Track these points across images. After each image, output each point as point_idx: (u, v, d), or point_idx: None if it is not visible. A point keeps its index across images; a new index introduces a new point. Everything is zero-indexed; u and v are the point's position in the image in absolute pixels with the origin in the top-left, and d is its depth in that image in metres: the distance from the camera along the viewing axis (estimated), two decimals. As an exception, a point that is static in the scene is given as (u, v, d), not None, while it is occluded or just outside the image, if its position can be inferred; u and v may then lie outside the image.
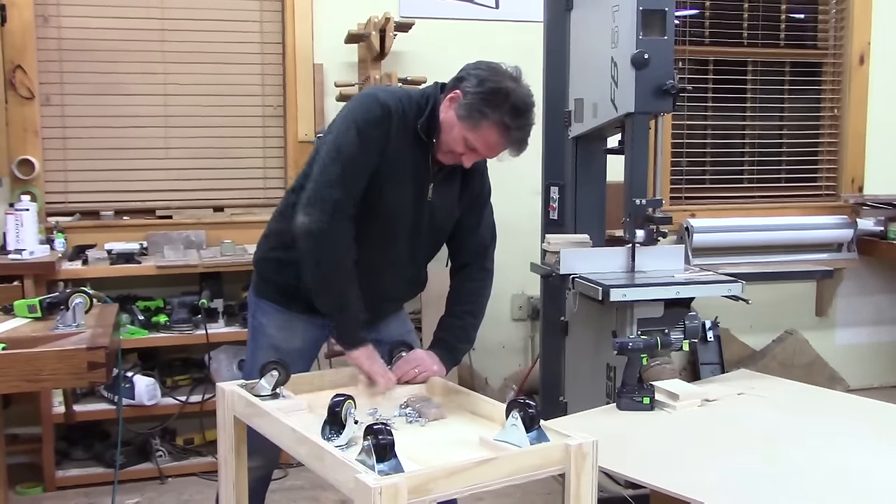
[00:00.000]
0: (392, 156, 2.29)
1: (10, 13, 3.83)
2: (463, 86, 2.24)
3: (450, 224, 2.49)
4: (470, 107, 2.21)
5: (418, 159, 2.33)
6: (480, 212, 2.53)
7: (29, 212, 3.67)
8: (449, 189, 2.42)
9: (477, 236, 2.54)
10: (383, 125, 2.26)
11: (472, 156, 2.29)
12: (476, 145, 2.25)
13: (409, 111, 2.31)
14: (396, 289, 2.54)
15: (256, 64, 4.32)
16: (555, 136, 3.71)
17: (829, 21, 5.19)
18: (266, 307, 2.53)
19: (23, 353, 2.19)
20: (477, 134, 2.23)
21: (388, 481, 1.55)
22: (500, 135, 2.22)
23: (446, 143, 2.28)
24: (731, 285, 3.06)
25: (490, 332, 4.54)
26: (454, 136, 2.25)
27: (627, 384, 2.62)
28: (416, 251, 2.47)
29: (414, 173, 2.34)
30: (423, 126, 2.30)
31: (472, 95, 2.21)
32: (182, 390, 3.91)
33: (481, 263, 2.54)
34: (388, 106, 2.27)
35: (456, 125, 2.24)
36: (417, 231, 2.41)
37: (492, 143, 2.24)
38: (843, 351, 5.23)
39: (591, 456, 1.77)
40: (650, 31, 3.07)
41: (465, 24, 4.48)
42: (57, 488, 3.71)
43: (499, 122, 2.20)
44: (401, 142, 2.29)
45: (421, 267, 2.57)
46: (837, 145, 5.20)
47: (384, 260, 2.40)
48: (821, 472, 2.15)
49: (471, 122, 2.21)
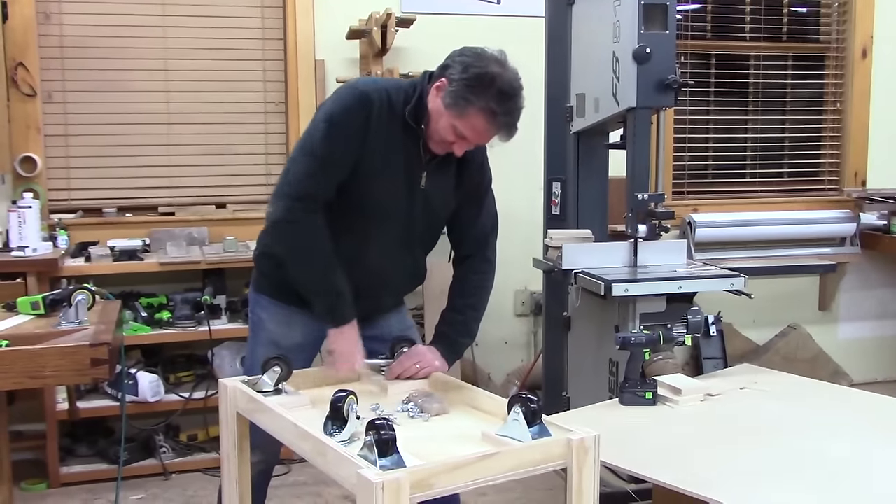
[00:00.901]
0: (378, 144, 2.28)
1: (12, 10, 3.84)
2: (448, 73, 2.23)
3: (446, 212, 2.48)
4: (455, 94, 2.20)
5: (408, 147, 2.33)
6: (481, 201, 2.53)
7: (32, 209, 3.68)
8: (443, 177, 2.41)
9: (477, 226, 2.53)
10: (361, 114, 2.26)
11: (462, 144, 2.28)
12: (465, 132, 2.24)
13: (395, 99, 2.31)
14: (395, 280, 2.53)
15: (258, 60, 4.33)
16: (556, 132, 3.71)
17: (832, 15, 5.18)
18: (265, 302, 2.54)
19: (26, 349, 2.19)
20: (464, 121, 2.22)
21: (391, 476, 1.55)
22: (488, 121, 2.21)
23: (436, 132, 2.28)
24: (734, 280, 3.06)
25: (493, 327, 4.54)
26: (442, 124, 2.25)
27: (630, 379, 2.62)
28: (411, 241, 2.46)
29: (404, 161, 2.33)
30: (410, 113, 2.29)
31: (458, 83, 2.20)
32: (185, 387, 3.92)
33: (483, 254, 2.54)
34: (366, 95, 2.27)
35: (443, 114, 2.23)
36: (411, 220, 2.40)
37: (480, 129, 2.23)
38: (846, 345, 5.23)
39: (592, 450, 1.77)
40: (652, 26, 3.06)
41: (466, 19, 4.47)
42: (61, 484, 3.72)
43: (485, 108, 2.18)
44: (387, 130, 2.29)
45: (418, 258, 2.56)
46: (840, 139, 5.19)
47: (380, 250, 2.40)
48: (824, 466, 2.14)
49: (457, 110, 2.20)
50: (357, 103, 2.27)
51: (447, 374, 2.35)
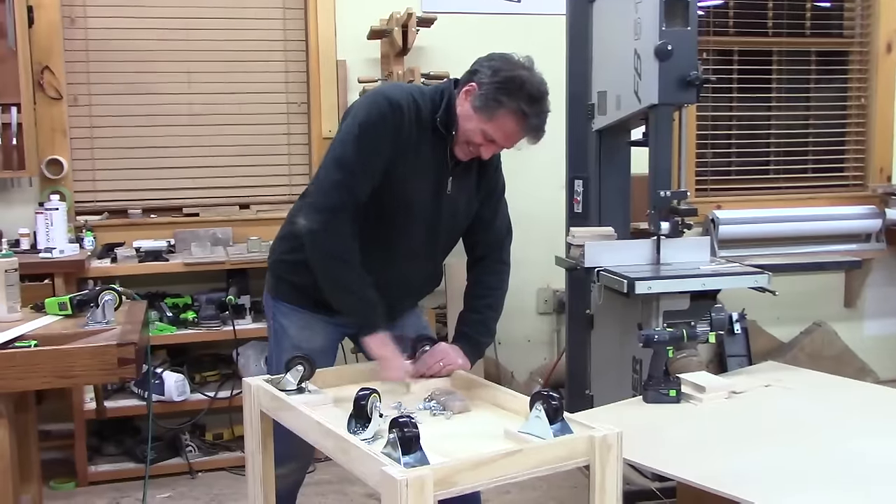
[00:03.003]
0: (408, 150, 2.30)
1: (38, 15, 3.88)
2: (477, 78, 2.26)
3: (467, 218, 2.50)
4: (486, 97, 2.22)
5: (437, 154, 2.34)
6: (496, 206, 2.55)
7: (58, 211, 3.72)
8: (467, 183, 2.43)
9: (493, 230, 2.55)
10: (391, 121, 2.27)
11: (490, 147, 2.30)
12: (494, 135, 2.26)
13: (423, 106, 2.32)
14: (415, 283, 2.55)
15: (280, 61, 4.35)
16: (578, 129, 3.71)
17: (856, 9, 5.13)
18: (284, 308, 2.54)
19: (54, 349, 2.22)
20: (494, 124, 2.24)
21: (414, 473, 1.56)
22: (518, 123, 2.23)
23: (464, 135, 2.29)
24: (758, 277, 3.04)
25: (516, 325, 4.55)
26: (471, 127, 2.27)
27: (654, 377, 2.61)
28: (434, 246, 2.48)
29: (433, 168, 2.35)
30: (441, 120, 2.31)
31: (487, 86, 2.22)
32: (211, 386, 3.95)
33: (498, 256, 2.56)
34: (396, 101, 2.29)
35: (473, 117, 2.26)
36: (436, 225, 2.42)
37: (509, 131, 2.25)
38: (872, 342, 5.18)
39: (615, 447, 1.77)
40: (673, 22, 3.05)
41: (487, 18, 4.47)
42: (89, 483, 3.76)
43: (516, 111, 2.21)
44: (416, 136, 2.30)
45: (438, 262, 2.58)
46: (865, 134, 5.14)
47: (404, 256, 2.42)
48: (852, 465, 2.13)
49: (487, 113, 2.23)
50: (388, 109, 2.28)
51: (470, 372, 2.35)
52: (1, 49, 3.75)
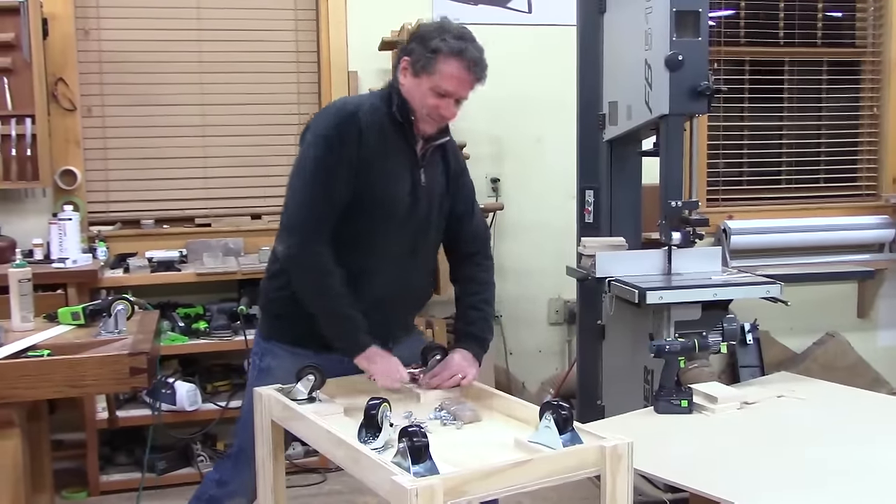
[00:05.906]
0: (375, 151, 2.30)
1: (52, 27, 3.91)
2: (406, 52, 2.33)
3: (444, 211, 2.48)
4: (419, 57, 2.28)
5: (403, 148, 2.36)
6: (469, 198, 2.55)
7: (72, 221, 3.74)
8: (437, 171, 2.45)
9: (473, 224, 2.56)
10: (348, 126, 2.28)
11: (447, 103, 2.31)
12: (445, 86, 2.27)
13: (378, 104, 2.35)
14: (410, 288, 2.48)
15: (292, 72, 4.37)
16: (589, 139, 3.71)
17: (868, 19, 5.12)
18: (278, 350, 2.45)
19: (67, 359, 2.24)
20: (439, 75, 2.27)
21: (424, 483, 1.56)
22: (457, 60, 2.26)
23: (420, 104, 2.30)
24: (770, 287, 3.03)
25: (526, 336, 4.54)
26: (422, 91, 2.29)
27: (665, 387, 2.60)
28: (420, 243, 2.44)
29: (402, 162, 2.36)
30: (398, 108, 2.32)
31: (417, 50, 2.30)
32: (222, 396, 3.96)
33: (485, 252, 2.58)
34: (348, 107, 2.32)
35: (418, 82, 2.29)
36: (419, 218, 2.40)
37: (454, 73, 2.27)
38: (885, 353, 5.14)
39: (626, 457, 1.76)
40: (684, 33, 3.06)
41: (498, 28, 4.47)
42: (101, 493, 3.76)
43: (450, 51, 2.26)
44: (377, 136, 2.30)
45: (429, 263, 2.56)
46: (877, 144, 5.12)
47: (393, 258, 2.38)
48: (866, 477, 2.12)
49: (428, 69, 2.27)
50: (342, 115, 2.30)
51: (480, 382, 2.35)
52: (16, 61, 3.78)
